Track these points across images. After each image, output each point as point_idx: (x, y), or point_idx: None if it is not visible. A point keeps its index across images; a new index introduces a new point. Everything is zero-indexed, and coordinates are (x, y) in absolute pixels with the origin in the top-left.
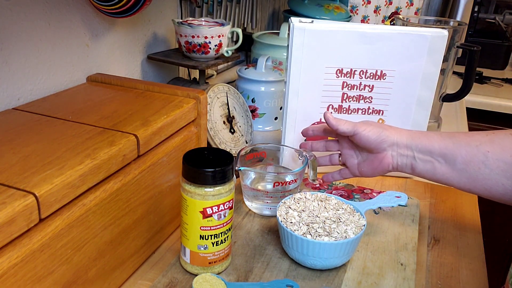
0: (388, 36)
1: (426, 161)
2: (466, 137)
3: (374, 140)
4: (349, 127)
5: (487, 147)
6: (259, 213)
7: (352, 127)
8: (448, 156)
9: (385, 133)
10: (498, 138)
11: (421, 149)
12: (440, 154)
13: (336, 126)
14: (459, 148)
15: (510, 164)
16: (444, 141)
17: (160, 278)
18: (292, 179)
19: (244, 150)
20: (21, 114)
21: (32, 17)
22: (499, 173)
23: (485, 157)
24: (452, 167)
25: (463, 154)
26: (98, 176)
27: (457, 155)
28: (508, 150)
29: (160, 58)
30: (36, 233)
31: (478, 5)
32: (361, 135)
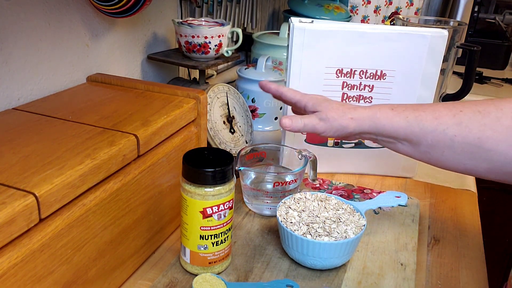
0: (388, 36)
1: (389, 142)
2: (433, 121)
3: (336, 137)
4: (309, 129)
5: (454, 130)
6: (259, 213)
7: (312, 128)
8: (413, 140)
9: (346, 129)
10: (466, 119)
11: (385, 135)
12: (405, 139)
13: (297, 129)
14: (425, 134)
15: (475, 146)
16: (410, 127)
17: (160, 278)
18: (292, 179)
19: (244, 150)
20: (21, 114)
21: (32, 17)
22: (463, 155)
23: (451, 142)
24: (415, 148)
25: (428, 140)
26: (98, 176)
27: (422, 140)
28: (475, 132)
29: (160, 58)
30: (36, 233)
31: (478, 5)
32: (322, 135)
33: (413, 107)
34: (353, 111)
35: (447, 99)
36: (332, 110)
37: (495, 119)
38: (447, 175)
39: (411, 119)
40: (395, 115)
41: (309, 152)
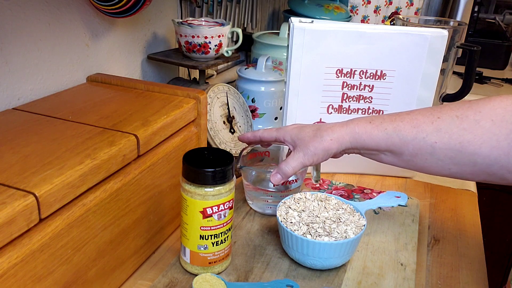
0: (388, 36)
1: (372, 154)
2: (412, 130)
3: (323, 161)
4: (298, 168)
5: (434, 137)
6: (261, 212)
7: (301, 165)
8: (395, 151)
9: (330, 152)
10: (445, 125)
11: (367, 148)
12: (387, 150)
13: (289, 175)
14: (406, 144)
15: (458, 151)
16: (390, 139)
17: (160, 278)
18: (293, 178)
19: (246, 150)
20: (21, 114)
21: (32, 17)
22: (446, 160)
23: (433, 149)
24: (398, 158)
25: (410, 149)
26: (98, 176)
27: (404, 150)
28: (455, 138)
29: (160, 58)
30: (36, 233)
31: (478, 5)
32: (312, 165)
33: (391, 117)
34: (331, 131)
35: (447, 99)
36: (310, 140)
37: (474, 122)
38: None
39: (390, 130)
40: (373, 128)
41: None
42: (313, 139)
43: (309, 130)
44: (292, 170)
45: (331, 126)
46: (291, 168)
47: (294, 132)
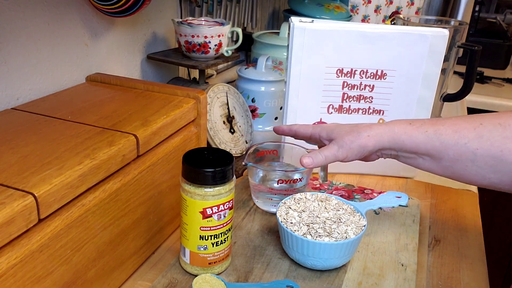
0: (389, 36)
1: (409, 158)
2: (453, 135)
3: (358, 159)
4: (331, 160)
5: (475, 144)
6: (266, 210)
7: (334, 157)
8: (435, 155)
9: (366, 149)
10: (487, 132)
11: (405, 150)
12: (426, 154)
13: (320, 163)
14: (447, 148)
15: (498, 159)
16: (431, 142)
17: (159, 278)
18: (299, 177)
19: (252, 148)
20: (20, 114)
21: (31, 16)
22: (487, 168)
23: (474, 155)
24: (437, 163)
25: (450, 154)
26: (98, 176)
27: (443, 155)
28: (497, 145)
29: (159, 58)
30: (35, 233)
31: (479, 5)
32: (345, 161)
33: (431, 121)
34: (369, 129)
35: (448, 99)
36: (346, 134)
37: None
38: None
39: (431, 133)
40: (413, 130)
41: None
42: (350, 134)
43: (346, 126)
44: (324, 159)
45: (369, 124)
46: (324, 157)
47: (330, 128)
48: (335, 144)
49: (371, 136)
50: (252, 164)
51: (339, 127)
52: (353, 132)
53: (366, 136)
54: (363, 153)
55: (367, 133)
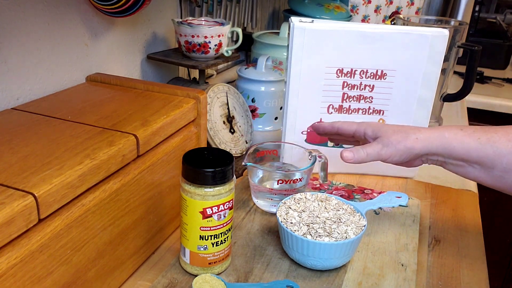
0: (389, 36)
1: (458, 166)
2: (508, 144)
3: (401, 162)
4: (374, 157)
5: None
6: (267, 210)
7: (377, 157)
8: (487, 164)
9: (412, 151)
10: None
11: (455, 157)
12: (477, 162)
13: (360, 160)
14: (500, 157)
15: None
16: (484, 149)
17: (159, 278)
18: (299, 177)
19: (252, 148)
20: (20, 114)
21: (31, 16)
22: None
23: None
24: (488, 173)
25: (504, 163)
26: (98, 176)
27: (496, 164)
28: None
29: (159, 58)
30: (35, 233)
31: (479, 5)
32: (388, 161)
33: (483, 129)
34: (418, 131)
35: (448, 99)
36: (394, 134)
37: None
38: (448, 176)
39: (484, 140)
40: (465, 136)
41: (319, 153)
42: (397, 134)
43: (393, 126)
44: (366, 156)
45: (418, 128)
46: (366, 154)
47: (377, 126)
48: (380, 142)
49: (419, 139)
50: (252, 164)
51: (386, 126)
52: (401, 132)
53: (415, 139)
54: (409, 155)
55: (416, 136)
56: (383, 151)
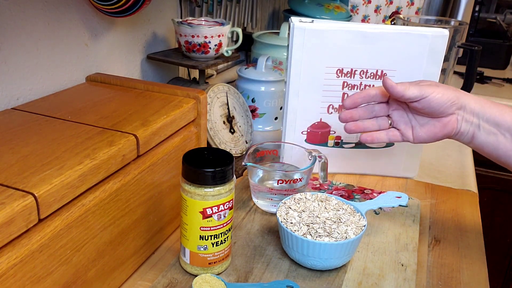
0: (389, 36)
1: (490, 133)
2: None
3: (445, 103)
4: (416, 92)
5: None
6: (267, 210)
7: (419, 92)
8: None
9: (454, 94)
10: None
11: (489, 119)
12: (509, 129)
13: (402, 92)
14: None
15: None
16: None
17: (159, 278)
18: (299, 177)
19: (252, 148)
20: (20, 114)
21: (31, 16)
22: None
23: None
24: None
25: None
26: (98, 176)
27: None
28: None
29: (159, 58)
30: (35, 233)
31: (479, 5)
32: (430, 99)
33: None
34: (455, 89)
35: None
36: (436, 87)
37: None
38: (448, 176)
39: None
40: (500, 104)
41: (319, 153)
42: (438, 84)
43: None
44: (410, 90)
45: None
46: (409, 86)
47: (424, 85)
48: (422, 86)
49: (459, 90)
50: (252, 164)
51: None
52: (442, 85)
53: (454, 88)
54: (451, 98)
55: (455, 88)
56: (424, 87)
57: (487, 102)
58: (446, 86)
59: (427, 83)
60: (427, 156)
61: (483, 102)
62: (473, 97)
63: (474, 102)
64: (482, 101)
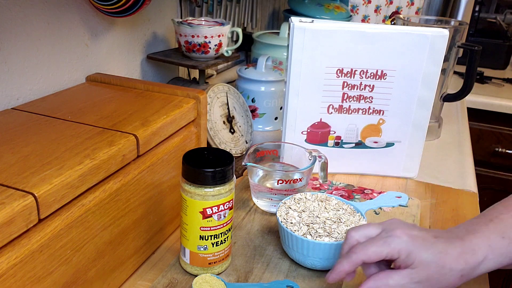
0: (389, 36)
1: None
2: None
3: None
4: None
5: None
6: (267, 210)
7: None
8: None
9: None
10: None
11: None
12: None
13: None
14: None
15: None
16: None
17: (159, 278)
18: (299, 177)
19: (252, 148)
20: (20, 114)
21: (31, 16)
22: None
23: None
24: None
25: None
26: (98, 176)
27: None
28: None
29: (159, 58)
30: (35, 233)
31: (479, 5)
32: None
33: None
34: (463, 263)
35: (448, 99)
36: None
37: None
38: (448, 176)
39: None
40: (510, 244)
41: (319, 153)
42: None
43: (432, 248)
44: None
45: (460, 253)
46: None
47: (412, 247)
48: (410, 275)
49: (464, 276)
50: (252, 164)
51: (423, 250)
52: (442, 269)
53: (459, 276)
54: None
55: (461, 273)
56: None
57: (494, 258)
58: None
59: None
60: (427, 156)
61: (487, 261)
62: (477, 268)
63: (479, 272)
64: (487, 260)
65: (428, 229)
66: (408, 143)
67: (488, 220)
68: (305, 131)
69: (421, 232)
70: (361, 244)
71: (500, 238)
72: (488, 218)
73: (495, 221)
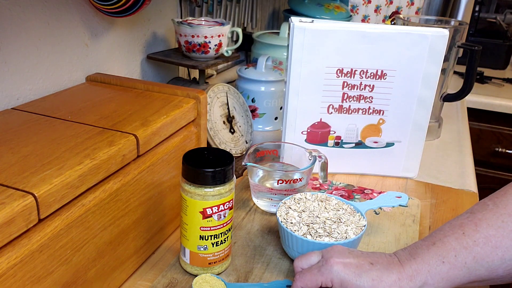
0: (389, 36)
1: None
2: (495, 251)
3: None
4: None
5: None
6: (267, 210)
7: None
8: (483, 279)
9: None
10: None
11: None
12: (470, 282)
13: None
14: (495, 270)
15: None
16: (475, 271)
17: (159, 278)
18: (299, 177)
19: (252, 148)
20: (20, 114)
21: (31, 16)
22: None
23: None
24: (486, 283)
25: (500, 273)
26: (98, 176)
27: (493, 276)
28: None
29: (159, 58)
30: (35, 233)
31: (479, 5)
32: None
33: (459, 241)
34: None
35: (448, 99)
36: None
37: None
38: (448, 176)
39: (471, 263)
40: (451, 269)
41: (319, 153)
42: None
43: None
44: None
45: (402, 275)
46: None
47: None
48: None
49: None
50: (252, 164)
51: (355, 278)
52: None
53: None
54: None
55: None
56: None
57: (434, 283)
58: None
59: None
60: (427, 156)
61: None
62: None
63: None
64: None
65: (368, 255)
66: (408, 143)
67: (431, 243)
68: (305, 131)
69: (356, 259)
70: (300, 273)
71: (440, 262)
72: (431, 242)
73: (437, 244)
